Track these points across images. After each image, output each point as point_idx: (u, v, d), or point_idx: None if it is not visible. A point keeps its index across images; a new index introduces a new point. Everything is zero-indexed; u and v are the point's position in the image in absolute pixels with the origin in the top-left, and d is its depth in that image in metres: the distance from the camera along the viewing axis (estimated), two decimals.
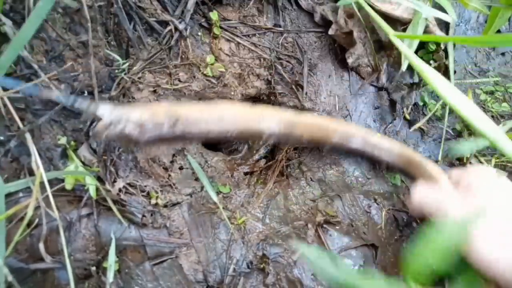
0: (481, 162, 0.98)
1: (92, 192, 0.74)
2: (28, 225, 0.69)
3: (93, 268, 0.72)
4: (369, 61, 0.96)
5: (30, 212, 0.65)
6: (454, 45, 0.97)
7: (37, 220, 0.71)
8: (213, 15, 0.83)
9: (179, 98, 0.86)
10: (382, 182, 0.95)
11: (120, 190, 0.77)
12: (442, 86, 0.30)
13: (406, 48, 0.32)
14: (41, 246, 0.68)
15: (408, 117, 1.02)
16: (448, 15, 0.80)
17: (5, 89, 0.68)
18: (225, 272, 0.79)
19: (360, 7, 0.83)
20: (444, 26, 0.99)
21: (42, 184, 0.67)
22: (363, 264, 0.82)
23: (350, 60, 0.93)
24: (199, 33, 0.85)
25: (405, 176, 0.94)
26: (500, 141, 0.27)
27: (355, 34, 0.89)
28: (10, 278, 0.62)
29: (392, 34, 0.35)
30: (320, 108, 0.97)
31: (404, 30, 0.90)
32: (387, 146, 0.78)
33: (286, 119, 0.63)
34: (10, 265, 0.67)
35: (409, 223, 0.90)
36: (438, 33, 0.94)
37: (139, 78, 0.80)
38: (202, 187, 0.86)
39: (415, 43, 0.87)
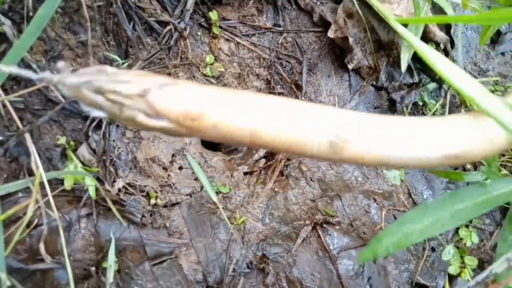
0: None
1: (91, 192, 0.73)
2: (28, 225, 0.68)
3: (93, 268, 0.72)
4: (368, 62, 0.96)
5: (29, 212, 0.65)
6: (453, 45, 0.97)
7: (36, 220, 0.70)
8: (213, 15, 0.83)
9: None
10: (382, 182, 0.95)
11: (119, 190, 0.77)
12: (445, 67, 0.29)
13: (408, 32, 0.32)
14: (42, 246, 0.68)
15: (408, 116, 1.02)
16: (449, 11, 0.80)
17: (6, 93, 0.68)
18: (225, 272, 0.79)
19: (361, 6, 0.83)
20: (444, 25, 0.99)
21: (41, 184, 0.67)
22: (363, 264, 0.82)
23: (351, 66, 0.93)
24: (199, 33, 0.85)
25: None
26: (507, 121, 0.27)
27: (351, 39, 0.89)
28: (8, 283, 0.61)
29: (393, 19, 0.34)
30: None
31: None
32: None
33: None
34: (10, 265, 0.66)
35: None
36: (438, 32, 0.94)
37: None
38: (202, 187, 0.86)
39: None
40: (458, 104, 1.03)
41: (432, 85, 1.02)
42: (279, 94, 0.96)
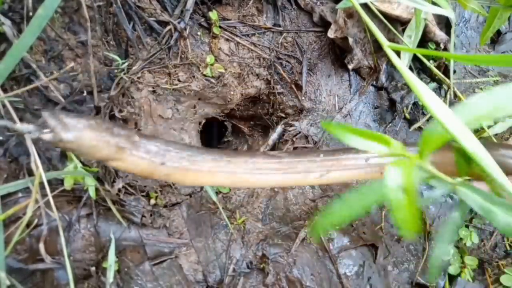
0: None
1: (91, 192, 0.73)
2: (28, 225, 0.68)
3: (93, 268, 0.72)
4: (368, 62, 0.96)
5: (29, 212, 0.65)
6: (454, 45, 0.97)
7: (36, 220, 0.70)
8: (213, 15, 0.83)
9: (179, 98, 0.86)
10: None
11: (119, 190, 0.77)
12: (433, 103, 0.30)
13: (399, 61, 0.32)
14: (41, 246, 0.68)
15: (408, 116, 1.02)
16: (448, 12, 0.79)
17: (6, 93, 0.68)
18: (225, 272, 0.79)
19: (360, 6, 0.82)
20: (445, 25, 0.99)
21: (41, 184, 0.67)
22: (363, 264, 0.82)
23: (351, 66, 0.93)
24: (199, 33, 0.85)
25: None
26: (488, 165, 0.27)
27: (351, 40, 0.88)
28: (8, 283, 0.62)
29: (386, 45, 0.34)
30: (320, 107, 0.97)
31: (403, 30, 0.90)
32: None
33: None
34: (10, 265, 0.66)
35: None
36: (438, 32, 0.94)
37: (138, 78, 0.80)
38: (202, 187, 0.86)
39: (415, 43, 0.87)
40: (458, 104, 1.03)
41: (432, 85, 1.02)
42: (279, 94, 0.96)
